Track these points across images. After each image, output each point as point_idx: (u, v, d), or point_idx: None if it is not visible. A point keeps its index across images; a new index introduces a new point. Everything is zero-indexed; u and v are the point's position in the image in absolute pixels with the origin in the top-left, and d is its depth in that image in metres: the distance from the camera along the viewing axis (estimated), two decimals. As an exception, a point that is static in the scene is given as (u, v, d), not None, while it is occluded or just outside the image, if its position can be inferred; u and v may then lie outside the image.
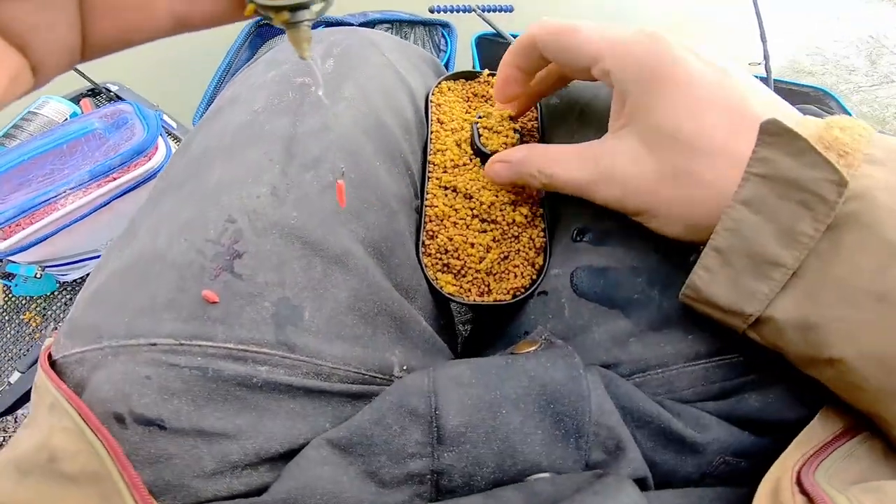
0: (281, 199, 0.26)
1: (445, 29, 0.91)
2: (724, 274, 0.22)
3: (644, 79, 0.24)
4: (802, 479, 0.20)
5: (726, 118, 0.23)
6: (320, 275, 0.26)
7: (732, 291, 0.22)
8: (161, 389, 0.22)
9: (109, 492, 0.20)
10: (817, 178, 0.20)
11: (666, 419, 0.25)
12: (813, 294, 0.21)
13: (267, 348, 0.24)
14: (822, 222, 0.20)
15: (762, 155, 0.21)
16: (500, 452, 0.23)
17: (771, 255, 0.21)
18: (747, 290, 0.22)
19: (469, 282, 0.32)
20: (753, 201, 0.21)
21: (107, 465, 0.20)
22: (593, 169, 0.26)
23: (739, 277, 0.22)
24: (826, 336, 0.21)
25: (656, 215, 0.25)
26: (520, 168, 0.30)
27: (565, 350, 0.26)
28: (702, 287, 0.23)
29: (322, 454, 0.24)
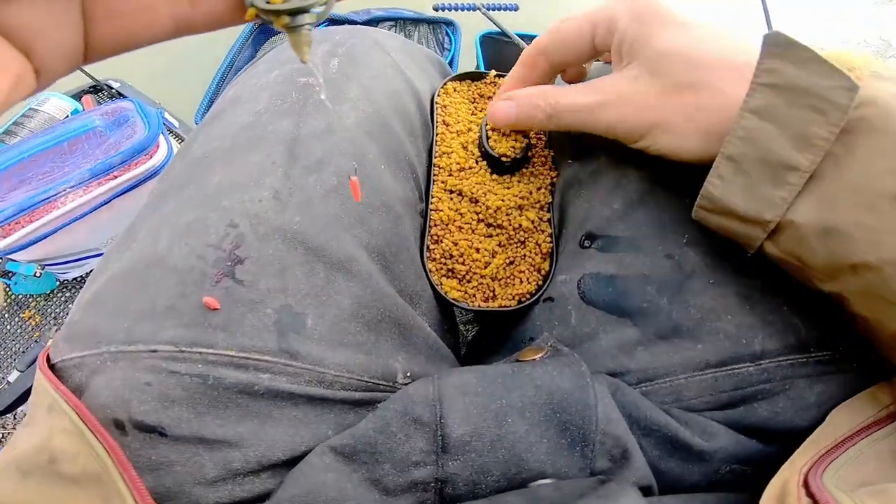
0: (283, 204, 0.26)
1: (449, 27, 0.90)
2: (739, 181, 0.22)
3: (639, 20, 0.26)
4: (809, 482, 0.20)
5: (718, 37, 0.25)
6: (323, 281, 0.25)
7: (750, 198, 0.22)
8: (161, 396, 0.22)
9: (110, 493, 0.19)
10: (827, 85, 0.20)
11: (673, 428, 0.25)
12: (831, 198, 0.21)
13: (269, 356, 0.23)
14: (835, 125, 0.20)
15: (769, 66, 0.21)
16: (505, 461, 0.23)
17: (786, 159, 0.21)
18: (764, 196, 0.22)
19: (474, 287, 0.32)
20: (764, 110, 0.21)
21: (107, 467, 0.20)
22: (598, 93, 0.27)
23: (755, 184, 0.22)
24: (847, 241, 0.20)
25: (667, 129, 0.25)
26: (526, 100, 0.30)
27: (572, 358, 0.26)
28: (718, 196, 0.23)
29: (325, 461, 0.24)
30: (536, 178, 0.34)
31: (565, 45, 0.29)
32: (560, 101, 0.29)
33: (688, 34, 0.25)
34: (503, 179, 0.33)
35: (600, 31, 0.28)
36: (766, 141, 0.21)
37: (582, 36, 0.28)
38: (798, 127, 0.21)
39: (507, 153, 0.32)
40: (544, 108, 0.29)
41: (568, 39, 0.29)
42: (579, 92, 0.28)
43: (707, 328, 0.25)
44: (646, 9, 0.26)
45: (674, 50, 0.25)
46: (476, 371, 0.26)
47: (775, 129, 0.21)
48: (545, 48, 0.30)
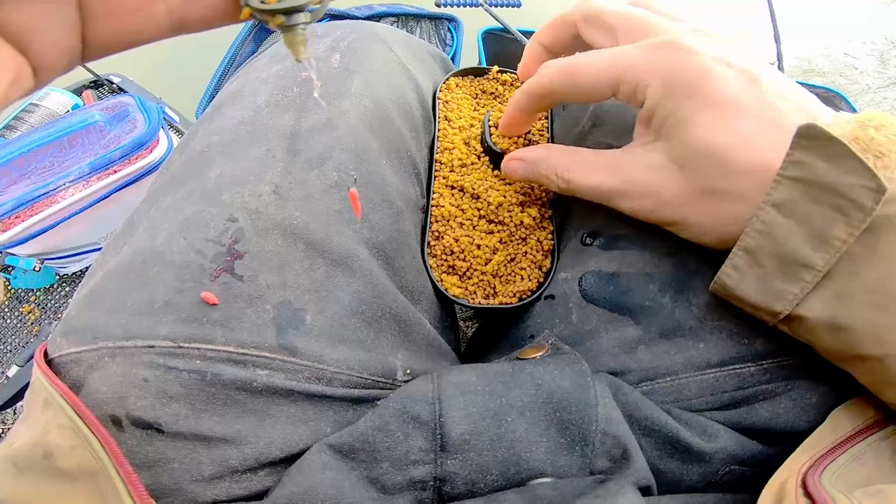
0: (284, 198, 0.26)
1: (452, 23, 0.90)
2: (752, 273, 0.22)
3: (673, 93, 0.23)
4: (807, 482, 0.20)
5: (760, 131, 0.22)
6: (323, 277, 0.25)
7: (761, 290, 0.22)
8: (159, 393, 0.22)
9: (106, 488, 0.19)
10: (854, 184, 0.19)
11: (673, 428, 0.25)
12: (843, 296, 0.21)
13: (267, 352, 0.23)
14: (856, 227, 0.20)
15: (797, 158, 0.20)
16: (505, 460, 0.23)
17: (801, 258, 0.21)
18: (776, 290, 0.22)
19: (475, 284, 0.32)
20: (785, 204, 0.21)
21: (103, 462, 0.20)
22: (619, 179, 0.26)
23: (768, 277, 0.22)
24: (856, 336, 0.21)
25: (689, 227, 0.25)
26: (537, 168, 0.29)
27: (573, 357, 0.26)
28: (730, 285, 0.23)
29: (324, 459, 0.23)
30: None
31: (578, 92, 0.26)
32: (574, 179, 0.27)
33: (729, 127, 0.22)
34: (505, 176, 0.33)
35: (625, 91, 0.25)
36: (783, 236, 0.21)
37: (600, 89, 0.26)
38: (818, 225, 0.20)
39: (509, 149, 0.32)
40: (556, 182, 0.28)
41: (583, 88, 0.26)
42: (595, 169, 0.27)
43: (709, 327, 0.25)
44: (684, 79, 0.23)
45: (709, 149, 0.22)
46: (476, 369, 0.26)
47: (794, 225, 0.21)
48: (553, 90, 0.27)
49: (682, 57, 0.23)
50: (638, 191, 0.25)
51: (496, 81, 0.38)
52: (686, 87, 0.23)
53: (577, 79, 0.26)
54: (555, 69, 0.27)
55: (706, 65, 0.23)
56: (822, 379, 0.24)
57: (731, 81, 0.23)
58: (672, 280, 0.27)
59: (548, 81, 0.27)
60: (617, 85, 0.25)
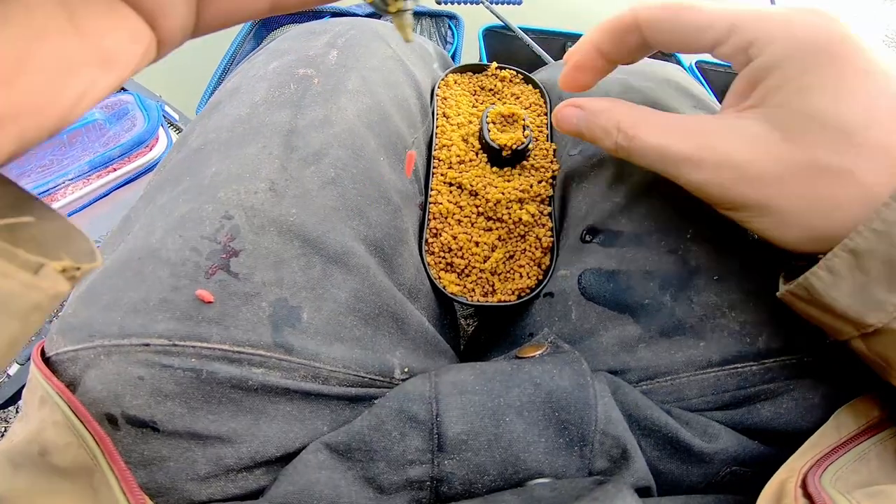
0: (280, 195, 0.25)
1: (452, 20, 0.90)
2: (852, 279, 0.20)
3: (806, 54, 0.20)
4: (808, 482, 0.19)
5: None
6: (320, 274, 0.25)
7: (857, 299, 0.20)
8: (154, 391, 0.22)
9: (100, 485, 0.19)
10: None
11: (673, 428, 0.24)
12: None
13: (263, 350, 0.23)
14: None
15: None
16: (503, 461, 0.23)
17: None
18: (875, 300, 0.19)
19: (473, 281, 0.32)
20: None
21: (98, 459, 0.20)
22: (695, 144, 0.22)
23: (870, 285, 0.19)
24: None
25: (772, 213, 0.21)
26: (596, 119, 0.26)
27: (573, 356, 0.25)
28: (819, 289, 0.20)
29: (320, 458, 0.23)
30: (537, 170, 0.33)
31: (677, 32, 0.23)
32: (638, 136, 0.24)
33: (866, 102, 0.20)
34: (503, 172, 0.33)
35: (735, 42, 0.22)
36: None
37: (707, 34, 0.23)
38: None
39: (507, 145, 0.32)
40: (615, 137, 0.25)
41: (686, 28, 0.23)
42: (667, 129, 0.23)
43: (710, 325, 0.25)
44: (826, 43, 0.20)
45: (837, 120, 0.20)
46: (474, 368, 0.26)
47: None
48: (649, 24, 0.24)
49: (826, 21, 0.21)
50: (716, 160, 0.22)
51: (495, 78, 0.38)
52: (826, 51, 0.20)
53: (683, 14, 0.23)
54: (656, 3, 0.24)
55: (856, 35, 0.20)
56: (825, 378, 0.24)
57: (878, 56, 0.20)
58: (673, 278, 0.26)
59: (644, 13, 0.24)
60: (728, 34, 0.22)
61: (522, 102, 0.37)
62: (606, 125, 0.25)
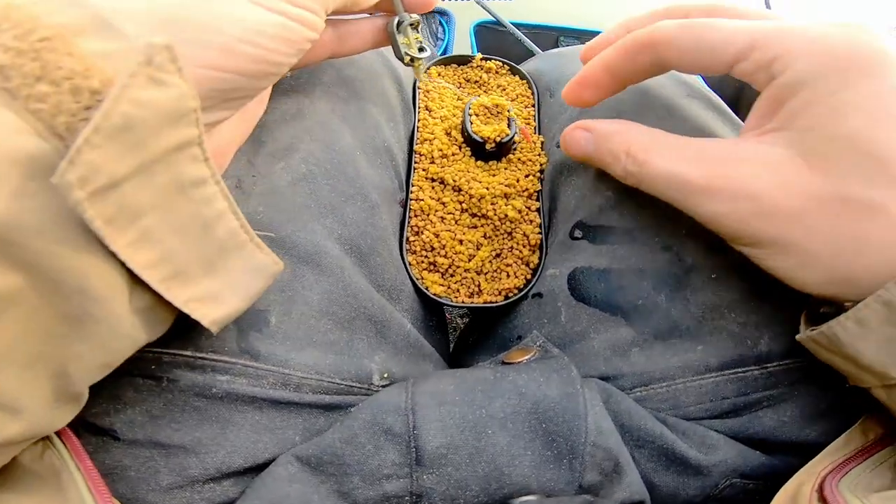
0: (246, 193, 0.24)
1: (443, 17, 0.89)
2: (883, 332, 0.18)
3: (836, 71, 0.19)
4: (824, 486, 0.18)
5: None
6: (289, 276, 0.24)
7: (886, 353, 0.18)
8: (112, 398, 0.21)
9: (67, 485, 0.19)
10: None
11: (669, 440, 0.23)
12: None
13: (227, 356, 0.22)
14: None
15: None
16: (486, 475, 0.22)
17: None
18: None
19: (458, 282, 0.30)
20: None
21: (64, 459, 0.19)
22: (710, 172, 0.20)
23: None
24: None
25: (792, 252, 0.19)
26: (606, 143, 0.24)
27: (561, 362, 0.24)
28: (844, 341, 0.19)
29: (290, 471, 0.22)
30: (524, 164, 0.32)
31: (695, 51, 0.22)
32: (649, 163, 0.22)
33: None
34: (488, 166, 0.32)
35: (757, 59, 0.20)
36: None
37: (726, 51, 0.21)
38: None
39: (490, 137, 0.30)
40: (625, 163, 0.23)
41: (705, 46, 0.21)
42: (681, 154, 0.21)
43: (708, 328, 0.24)
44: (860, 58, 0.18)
45: (871, 145, 0.18)
46: (454, 377, 0.24)
47: None
48: (666, 43, 0.22)
49: (864, 35, 0.19)
50: (732, 190, 0.20)
51: (480, 69, 0.37)
52: (864, 67, 0.18)
53: (702, 33, 0.21)
54: (672, 22, 0.22)
55: (887, 48, 0.18)
56: (832, 384, 0.22)
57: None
58: (668, 277, 0.25)
59: (660, 33, 0.22)
60: (749, 51, 0.20)
61: (509, 94, 0.35)
62: (616, 149, 0.23)
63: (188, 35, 0.17)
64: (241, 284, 0.19)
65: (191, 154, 0.16)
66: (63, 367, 0.16)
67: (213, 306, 0.18)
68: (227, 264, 0.18)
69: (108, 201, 0.15)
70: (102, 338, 0.16)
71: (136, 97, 0.14)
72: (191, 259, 0.17)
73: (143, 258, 0.16)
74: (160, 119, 0.15)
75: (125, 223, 0.15)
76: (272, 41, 0.19)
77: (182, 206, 0.17)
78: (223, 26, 0.18)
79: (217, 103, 0.20)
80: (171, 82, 0.15)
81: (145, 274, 0.16)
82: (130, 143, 0.15)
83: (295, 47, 0.21)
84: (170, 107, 0.15)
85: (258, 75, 0.20)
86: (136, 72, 0.14)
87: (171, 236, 0.17)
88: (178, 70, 0.15)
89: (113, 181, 0.15)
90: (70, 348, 0.16)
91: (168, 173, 0.16)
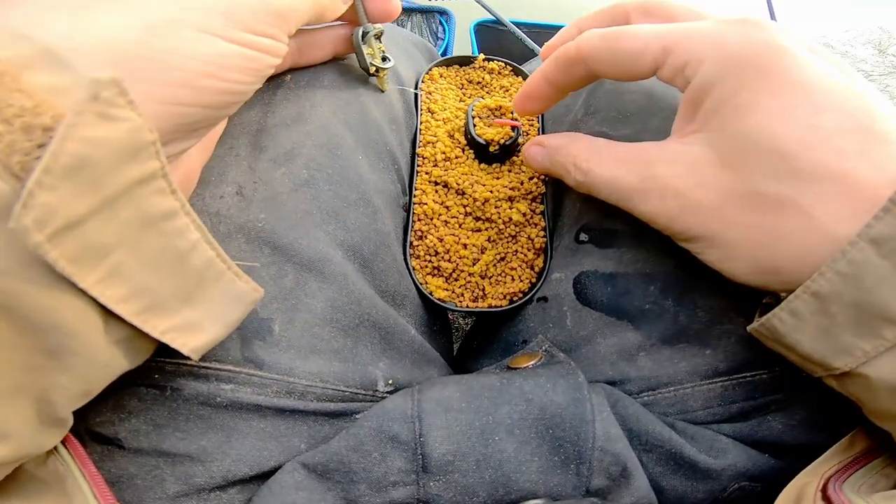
0: (247, 200, 0.24)
1: (443, 16, 0.89)
2: (816, 322, 0.18)
3: (740, 71, 0.19)
4: (829, 487, 0.18)
5: (844, 131, 0.18)
6: (292, 283, 0.23)
7: (822, 342, 0.18)
8: (117, 407, 0.21)
9: (72, 491, 0.19)
10: None
11: (677, 444, 0.23)
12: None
13: (231, 365, 0.22)
14: None
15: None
16: (493, 482, 0.22)
17: (889, 311, 0.17)
18: (842, 345, 0.18)
19: (462, 286, 0.30)
20: (888, 242, 0.17)
21: (69, 465, 0.19)
22: (640, 174, 0.22)
23: (835, 329, 0.18)
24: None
25: (717, 245, 0.20)
26: (556, 156, 0.26)
27: (568, 367, 0.24)
28: (782, 332, 0.19)
29: (296, 479, 0.22)
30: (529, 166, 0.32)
31: (616, 61, 0.23)
32: (594, 171, 0.24)
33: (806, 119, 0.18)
34: (492, 169, 0.31)
35: (672, 64, 0.21)
36: (872, 283, 0.17)
37: (643, 60, 0.22)
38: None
39: (494, 140, 0.30)
40: (574, 173, 0.25)
41: (623, 57, 0.22)
42: (616, 160, 0.23)
43: (716, 332, 0.23)
44: (757, 57, 0.19)
45: (775, 142, 0.18)
46: (460, 383, 0.24)
47: (892, 269, 0.16)
48: (590, 56, 0.23)
49: (758, 32, 0.20)
50: (659, 189, 0.21)
51: (483, 70, 0.36)
52: (759, 65, 0.19)
53: (618, 44, 0.22)
54: (595, 34, 0.23)
55: (787, 44, 0.19)
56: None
57: (816, 67, 0.19)
58: (675, 281, 0.25)
59: (585, 46, 0.23)
60: (664, 57, 0.21)
61: (512, 95, 0.35)
62: (565, 162, 0.25)
63: (144, 72, 0.17)
64: (220, 313, 0.19)
65: (155, 187, 0.16)
66: (45, 394, 0.16)
67: (193, 335, 0.18)
68: (205, 294, 0.18)
69: (71, 241, 0.14)
70: (81, 369, 0.16)
71: (85, 135, 0.14)
72: (166, 291, 0.17)
73: (114, 293, 0.16)
74: (115, 155, 0.15)
75: (92, 261, 0.15)
76: (234, 72, 0.19)
77: (152, 240, 0.16)
78: (181, 61, 0.17)
79: (183, 135, 0.19)
80: (123, 116, 0.15)
81: (118, 308, 0.16)
82: (86, 181, 0.14)
83: (257, 75, 0.21)
84: (124, 142, 0.15)
85: (222, 105, 0.20)
86: (83, 109, 0.14)
87: (143, 270, 0.16)
88: (128, 104, 0.15)
89: (72, 221, 0.14)
90: (50, 378, 0.16)
91: (133, 208, 0.16)
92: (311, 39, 0.27)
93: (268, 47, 0.20)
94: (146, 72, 0.17)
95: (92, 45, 0.16)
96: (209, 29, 0.18)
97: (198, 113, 0.19)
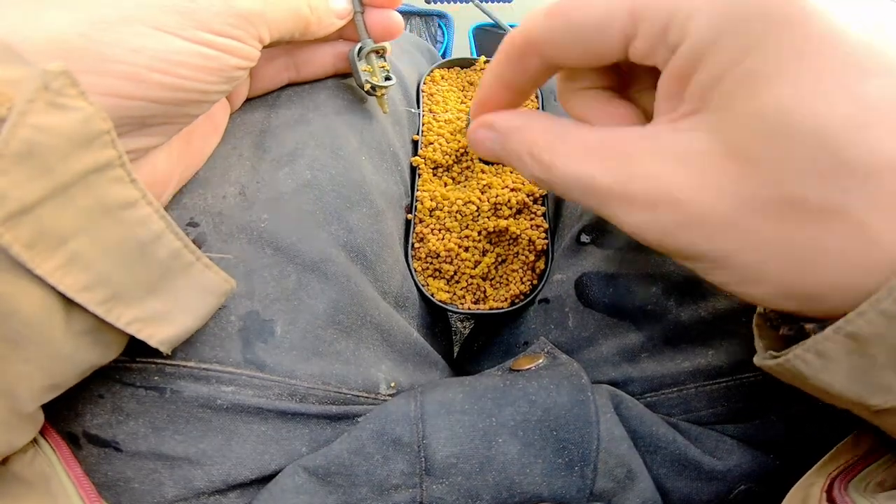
0: (250, 200, 0.24)
1: (443, 20, 0.89)
2: (850, 363, 0.14)
3: (747, 24, 0.13)
4: (833, 488, 0.18)
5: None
6: (294, 284, 0.23)
7: (857, 382, 0.15)
8: (115, 409, 0.21)
9: (57, 491, 0.19)
10: None
11: (681, 445, 0.23)
12: None
13: (232, 367, 0.22)
14: None
15: None
16: (497, 484, 0.21)
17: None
18: (882, 384, 0.15)
19: (463, 288, 0.30)
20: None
21: (54, 465, 0.19)
22: (621, 172, 0.16)
23: (874, 370, 0.14)
24: None
25: (729, 266, 0.15)
26: (508, 142, 0.19)
27: (571, 369, 0.24)
28: (807, 374, 0.15)
29: (298, 482, 0.22)
30: None
31: (574, 39, 0.17)
32: (555, 167, 0.17)
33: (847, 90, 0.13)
34: (494, 170, 0.31)
35: (646, 35, 0.15)
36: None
37: (609, 36, 0.16)
38: None
39: None
40: (531, 167, 0.18)
41: (583, 31, 0.16)
42: (587, 152, 0.17)
43: (720, 332, 0.23)
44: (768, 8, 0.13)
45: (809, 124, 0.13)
46: (463, 385, 0.24)
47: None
48: (541, 40, 0.18)
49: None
50: (650, 195, 0.15)
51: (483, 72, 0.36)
52: (773, 13, 0.13)
53: (573, 16, 0.16)
54: (539, 10, 0.17)
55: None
56: None
57: (846, 21, 0.13)
58: (677, 281, 0.25)
59: (531, 28, 0.17)
60: (635, 22, 0.15)
61: None
62: (518, 150, 0.18)
63: (86, 64, 0.17)
64: (190, 304, 0.19)
65: (112, 176, 0.16)
66: (10, 387, 0.16)
67: (159, 327, 0.18)
68: (173, 284, 0.18)
69: (25, 225, 0.15)
70: (42, 360, 0.16)
71: (35, 122, 0.14)
72: (129, 281, 0.17)
73: (74, 281, 0.16)
74: (67, 143, 0.15)
75: (49, 247, 0.15)
76: (187, 69, 0.19)
77: (111, 229, 0.16)
78: (124, 54, 0.18)
79: (134, 129, 0.19)
80: (74, 106, 0.15)
81: (79, 297, 0.16)
82: (38, 167, 0.15)
83: (220, 75, 0.20)
84: (75, 130, 0.15)
85: (177, 102, 0.20)
86: (34, 97, 0.14)
87: (104, 259, 0.16)
88: (80, 94, 0.15)
89: (25, 206, 0.15)
90: (13, 369, 0.16)
91: (90, 196, 0.16)
92: (309, 55, 0.27)
93: (231, 48, 0.20)
94: (88, 63, 0.17)
95: (36, 38, 0.16)
96: (162, 26, 0.18)
97: (146, 107, 0.19)
